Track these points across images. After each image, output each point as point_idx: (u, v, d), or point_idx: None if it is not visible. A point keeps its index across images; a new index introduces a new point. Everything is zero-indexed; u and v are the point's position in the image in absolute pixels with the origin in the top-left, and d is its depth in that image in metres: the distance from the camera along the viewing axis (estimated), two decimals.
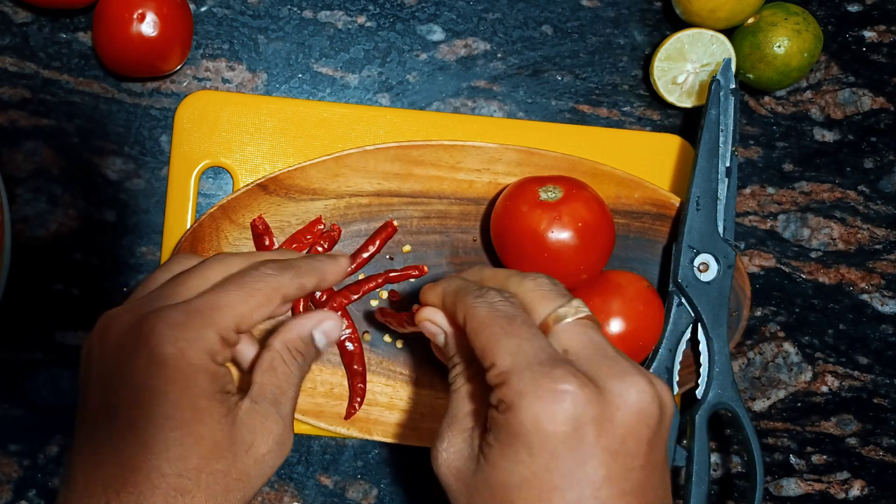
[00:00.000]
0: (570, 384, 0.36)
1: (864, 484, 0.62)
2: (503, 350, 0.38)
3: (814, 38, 0.57)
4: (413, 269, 0.57)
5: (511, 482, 0.37)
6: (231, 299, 0.40)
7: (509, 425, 0.37)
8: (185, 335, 0.39)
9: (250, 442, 0.40)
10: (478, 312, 0.40)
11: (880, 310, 0.62)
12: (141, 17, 0.53)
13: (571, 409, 0.36)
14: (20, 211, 0.57)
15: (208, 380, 0.39)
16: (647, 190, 0.57)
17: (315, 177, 0.56)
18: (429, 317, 0.44)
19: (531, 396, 0.36)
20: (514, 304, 0.41)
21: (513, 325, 0.39)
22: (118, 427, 0.38)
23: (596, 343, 0.40)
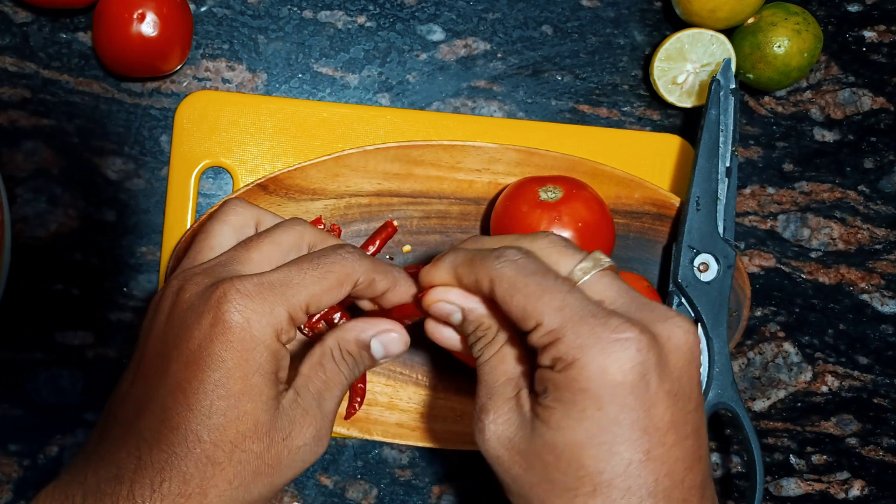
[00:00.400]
0: (630, 332, 0.36)
1: (864, 484, 0.62)
2: (548, 307, 0.37)
3: (814, 38, 0.57)
4: (413, 268, 0.57)
5: (578, 440, 0.36)
6: (306, 279, 0.40)
7: (574, 382, 0.36)
8: (256, 307, 0.38)
9: (288, 431, 0.39)
10: (506, 274, 0.38)
11: (880, 310, 0.62)
12: (141, 17, 0.53)
13: (637, 356, 0.36)
14: (20, 211, 0.57)
15: (267, 357, 0.39)
16: (647, 190, 0.57)
17: (315, 177, 0.56)
18: (441, 297, 0.42)
19: (594, 349, 0.36)
20: (538, 258, 0.39)
21: (548, 281, 0.38)
22: (168, 382, 0.38)
23: (627, 291, 0.39)
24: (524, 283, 0.38)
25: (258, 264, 0.41)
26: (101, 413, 0.42)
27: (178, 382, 0.38)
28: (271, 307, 0.39)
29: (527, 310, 0.38)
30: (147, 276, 0.58)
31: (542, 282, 0.38)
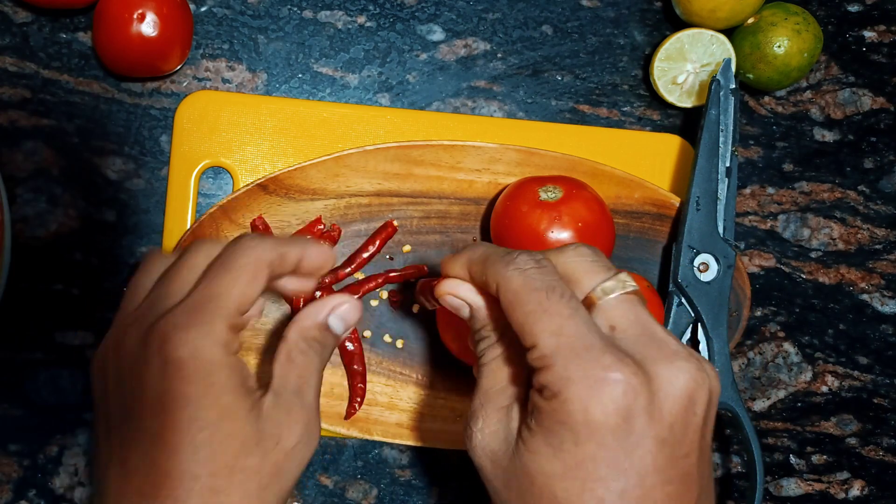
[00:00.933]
0: (619, 372, 0.35)
1: (864, 484, 0.62)
2: (544, 330, 0.36)
3: (814, 38, 0.57)
4: (413, 268, 0.57)
5: (553, 471, 0.36)
6: (224, 284, 0.39)
7: (555, 413, 0.36)
8: (196, 333, 0.38)
9: (278, 435, 0.39)
10: (512, 283, 0.38)
11: (880, 310, 0.62)
12: (141, 17, 0.53)
13: (622, 399, 0.35)
14: (20, 211, 0.57)
15: (227, 374, 0.38)
16: (647, 190, 0.57)
17: (315, 177, 0.56)
18: (451, 290, 0.41)
19: (579, 385, 0.35)
20: (550, 271, 0.38)
21: (551, 300, 0.37)
22: (145, 436, 0.38)
23: (643, 321, 0.38)
24: (527, 298, 0.37)
25: (181, 292, 0.41)
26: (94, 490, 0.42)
27: (154, 434, 0.38)
28: (209, 327, 0.38)
29: (524, 327, 0.37)
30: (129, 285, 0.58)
31: (544, 300, 0.37)
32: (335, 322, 0.43)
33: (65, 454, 0.57)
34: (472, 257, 0.41)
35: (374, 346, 0.57)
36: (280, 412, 0.40)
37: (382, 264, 0.58)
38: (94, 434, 0.41)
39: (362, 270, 0.57)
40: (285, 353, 0.42)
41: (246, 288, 0.40)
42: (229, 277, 0.40)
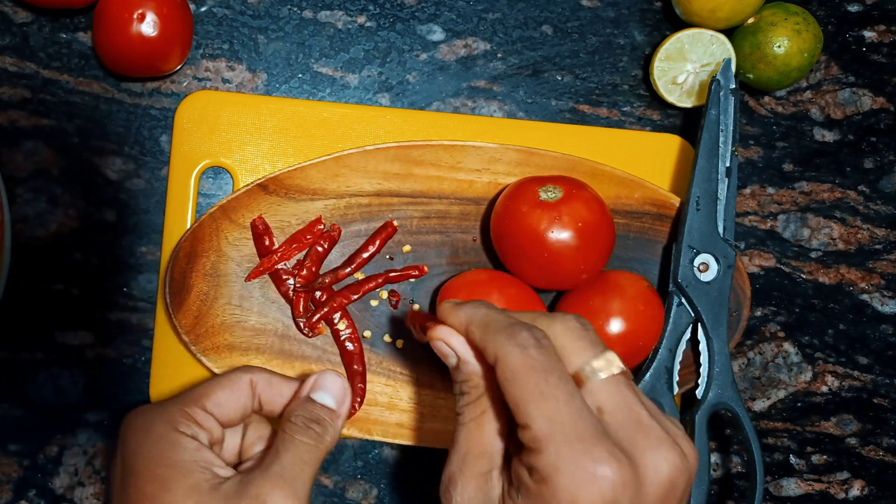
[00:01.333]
0: (609, 467, 0.36)
1: (864, 484, 0.62)
2: (539, 413, 0.37)
3: (814, 38, 0.57)
4: (413, 269, 0.57)
5: None
6: (198, 384, 0.43)
7: (542, 496, 0.36)
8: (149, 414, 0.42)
9: None
10: (512, 360, 0.38)
11: (880, 310, 0.62)
12: (141, 17, 0.53)
13: (610, 494, 0.36)
14: (20, 211, 0.57)
15: (171, 448, 0.40)
16: (648, 190, 0.57)
17: (315, 177, 0.56)
18: (443, 337, 0.42)
19: (569, 474, 0.36)
20: (549, 351, 0.39)
21: (549, 384, 0.37)
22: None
23: (630, 405, 0.39)
24: (525, 378, 0.38)
25: None
26: None
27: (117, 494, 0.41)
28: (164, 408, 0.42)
29: (519, 406, 0.37)
30: (147, 276, 0.58)
31: (542, 383, 0.37)
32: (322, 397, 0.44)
33: (65, 454, 0.57)
34: (473, 318, 0.41)
35: (374, 346, 0.57)
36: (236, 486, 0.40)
37: (382, 264, 0.58)
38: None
39: (362, 270, 0.57)
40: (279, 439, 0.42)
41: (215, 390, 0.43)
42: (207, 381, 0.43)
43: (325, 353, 0.57)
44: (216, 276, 0.56)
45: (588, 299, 0.54)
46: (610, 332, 0.53)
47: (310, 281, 0.56)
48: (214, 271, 0.56)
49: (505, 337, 0.39)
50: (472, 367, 0.41)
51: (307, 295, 0.56)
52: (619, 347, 0.54)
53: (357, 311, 0.57)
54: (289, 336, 0.57)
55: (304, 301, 0.56)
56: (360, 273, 0.57)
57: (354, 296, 0.56)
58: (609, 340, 0.53)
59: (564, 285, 0.55)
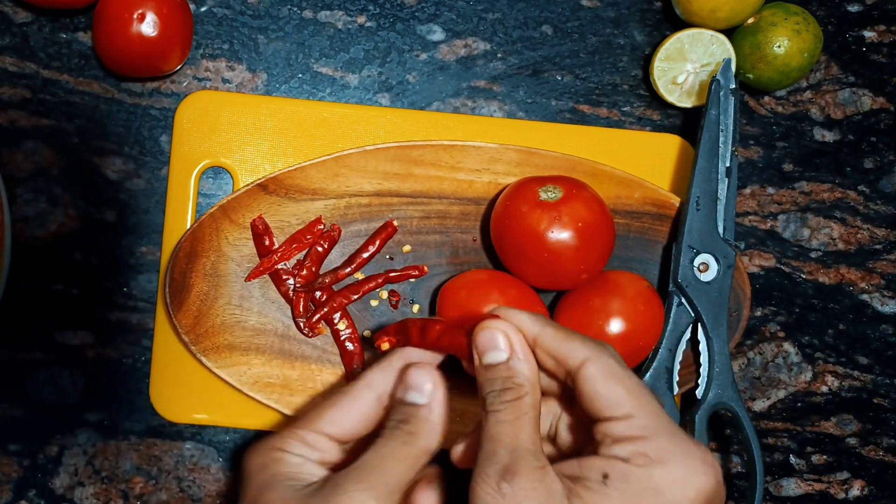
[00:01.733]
0: (714, 463, 0.39)
1: (864, 484, 0.62)
2: (643, 407, 0.39)
3: (814, 38, 0.57)
4: (413, 269, 0.57)
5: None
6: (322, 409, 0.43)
7: (650, 479, 0.38)
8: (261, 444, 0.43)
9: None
10: (607, 360, 0.40)
11: (880, 310, 0.62)
12: (141, 17, 0.53)
13: (715, 486, 0.39)
14: (20, 211, 0.57)
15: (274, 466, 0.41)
16: (648, 190, 0.57)
17: (315, 177, 0.56)
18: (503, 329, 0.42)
19: (683, 461, 0.38)
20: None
21: (643, 387, 0.40)
22: None
23: None
24: (624, 374, 0.40)
25: None
26: None
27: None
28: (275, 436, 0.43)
29: (621, 401, 0.39)
30: (147, 276, 0.58)
31: (640, 385, 0.40)
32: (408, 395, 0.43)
33: (65, 454, 0.57)
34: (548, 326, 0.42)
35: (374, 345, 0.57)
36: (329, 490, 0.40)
37: (383, 264, 0.58)
38: None
39: (362, 270, 0.57)
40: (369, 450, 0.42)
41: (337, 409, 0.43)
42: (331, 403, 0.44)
43: (325, 353, 0.57)
44: (216, 276, 0.56)
45: (588, 299, 0.54)
46: (610, 332, 0.53)
47: (310, 281, 0.56)
48: (214, 271, 0.56)
49: (591, 342, 0.41)
50: (528, 366, 0.41)
51: (307, 295, 0.56)
52: (619, 347, 0.53)
53: (357, 311, 0.57)
54: (289, 336, 0.57)
55: (304, 301, 0.56)
56: (360, 273, 0.57)
57: (354, 296, 0.56)
58: (609, 340, 0.53)
59: (564, 285, 0.55)
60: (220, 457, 0.58)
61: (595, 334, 0.53)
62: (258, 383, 0.56)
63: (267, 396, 0.56)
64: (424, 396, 0.43)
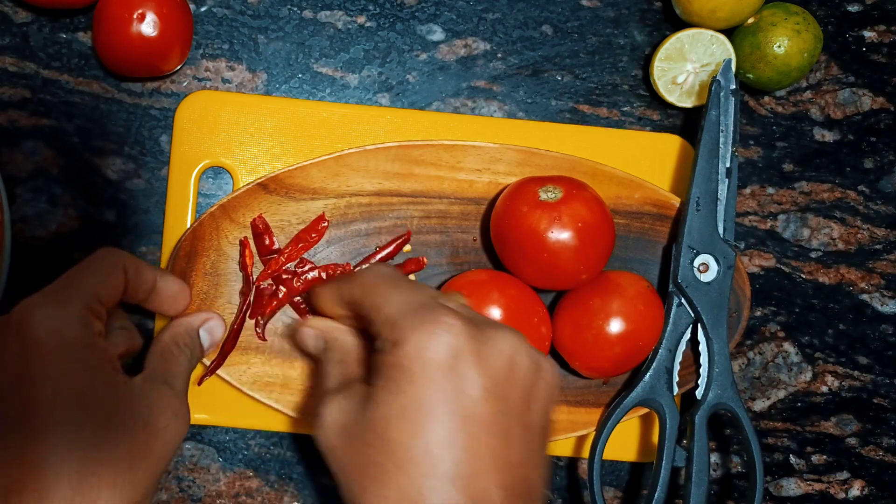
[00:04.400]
0: (454, 320, 0.39)
1: (864, 484, 0.62)
2: (393, 298, 0.42)
3: (814, 38, 0.57)
4: (412, 262, 0.57)
5: (392, 413, 0.38)
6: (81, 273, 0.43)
7: (395, 359, 0.39)
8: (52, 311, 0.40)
9: (147, 416, 0.40)
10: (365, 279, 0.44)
11: (880, 310, 0.62)
12: (141, 17, 0.53)
13: (452, 340, 0.39)
14: (20, 211, 0.57)
15: (86, 352, 0.40)
16: (648, 190, 0.57)
17: (315, 176, 0.56)
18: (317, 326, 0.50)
19: (418, 330, 0.39)
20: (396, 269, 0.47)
21: (399, 282, 0.43)
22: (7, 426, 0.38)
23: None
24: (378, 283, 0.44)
25: None
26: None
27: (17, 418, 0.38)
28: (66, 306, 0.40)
29: (374, 303, 0.42)
30: None
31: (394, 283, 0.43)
32: (204, 334, 0.49)
33: None
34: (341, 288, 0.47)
35: None
36: (150, 394, 0.41)
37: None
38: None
39: None
40: (158, 351, 0.45)
41: (106, 278, 0.43)
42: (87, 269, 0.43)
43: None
44: (216, 276, 0.56)
45: (588, 299, 0.54)
46: (610, 332, 0.53)
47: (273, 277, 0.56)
48: (214, 270, 0.56)
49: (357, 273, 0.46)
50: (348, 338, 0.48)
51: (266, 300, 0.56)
52: (619, 347, 0.54)
53: None
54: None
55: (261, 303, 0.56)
56: None
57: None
58: (609, 340, 0.53)
59: (564, 285, 0.55)
60: (220, 457, 0.58)
61: (595, 334, 0.53)
62: (258, 382, 0.56)
63: (266, 396, 0.56)
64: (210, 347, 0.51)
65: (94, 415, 0.38)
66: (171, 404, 0.42)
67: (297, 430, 0.57)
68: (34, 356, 0.38)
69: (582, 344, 0.54)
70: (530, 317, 0.54)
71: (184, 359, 0.47)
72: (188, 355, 0.47)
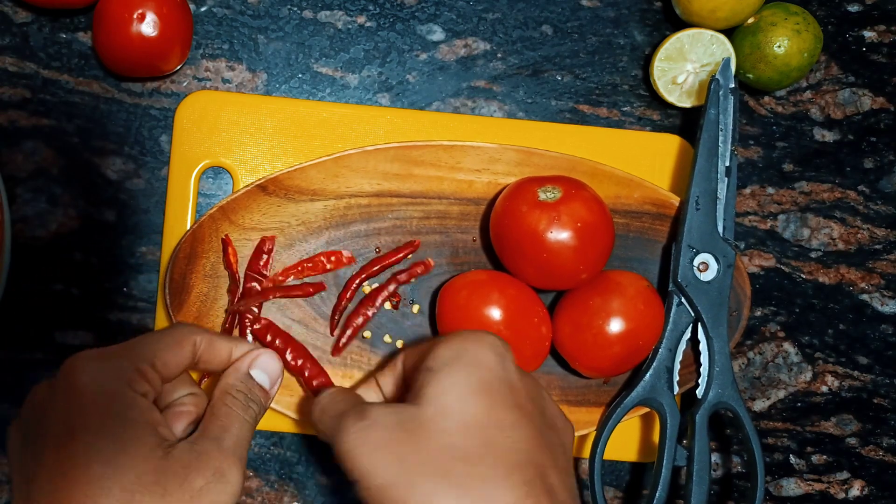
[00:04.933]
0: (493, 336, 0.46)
1: (864, 484, 0.62)
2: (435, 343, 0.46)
3: (814, 38, 0.57)
4: (419, 265, 0.57)
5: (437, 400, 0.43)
6: (144, 340, 0.43)
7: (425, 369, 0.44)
8: (100, 366, 0.40)
9: (184, 476, 0.39)
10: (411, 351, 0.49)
11: (880, 310, 0.62)
12: (141, 17, 0.53)
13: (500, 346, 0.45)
14: (20, 211, 0.57)
15: (127, 407, 0.39)
16: (647, 189, 0.57)
17: (315, 177, 0.56)
18: None
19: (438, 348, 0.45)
20: None
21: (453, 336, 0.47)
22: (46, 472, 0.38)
23: None
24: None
25: None
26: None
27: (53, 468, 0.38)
28: (117, 363, 0.41)
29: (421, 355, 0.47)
30: (147, 276, 0.58)
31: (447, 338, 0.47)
32: (258, 374, 0.46)
33: None
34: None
35: (374, 346, 0.57)
36: (191, 455, 0.40)
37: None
38: None
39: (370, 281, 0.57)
40: (209, 408, 0.44)
41: (167, 349, 0.43)
42: (151, 337, 0.43)
43: (325, 353, 0.57)
44: (216, 277, 0.56)
45: (588, 299, 0.54)
46: (610, 332, 0.53)
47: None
48: (214, 272, 0.56)
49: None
50: None
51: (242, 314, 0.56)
52: (619, 347, 0.54)
53: None
54: None
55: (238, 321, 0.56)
56: (366, 286, 0.57)
57: (372, 309, 0.56)
58: (609, 340, 0.53)
59: (564, 285, 0.55)
60: None
61: (595, 334, 0.53)
62: None
63: None
64: (270, 383, 0.47)
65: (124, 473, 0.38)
66: (211, 464, 0.40)
67: (296, 430, 0.57)
68: (76, 405, 0.39)
69: (582, 344, 0.54)
70: (530, 317, 0.54)
71: (237, 409, 0.44)
72: (243, 404, 0.44)
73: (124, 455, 0.38)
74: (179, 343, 0.44)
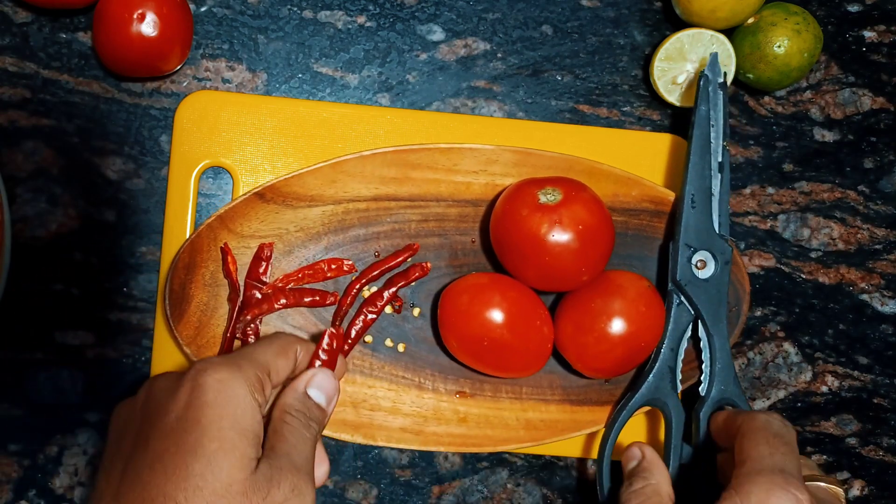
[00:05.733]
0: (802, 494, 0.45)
1: (864, 484, 0.62)
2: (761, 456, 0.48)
3: (814, 38, 0.57)
4: (416, 268, 0.57)
5: None
6: (259, 349, 0.44)
7: None
8: (228, 371, 0.41)
9: (266, 490, 0.40)
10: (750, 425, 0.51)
11: (880, 310, 0.62)
12: (141, 17, 0.53)
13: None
14: (20, 211, 0.57)
15: (245, 415, 0.41)
16: (645, 187, 0.57)
17: (312, 183, 0.56)
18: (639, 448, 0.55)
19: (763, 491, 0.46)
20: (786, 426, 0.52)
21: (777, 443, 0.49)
22: (147, 458, 0.40)
23: None
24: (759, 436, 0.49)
25: None
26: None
27: (156, 454, 0.39)
28: (241, 369, 0.42)
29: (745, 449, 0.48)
30: (147, 276, 0.58)
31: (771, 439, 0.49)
32: (315, 393, 0.46)
33: (65, 454, 0.58)
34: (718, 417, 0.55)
35: (375, 350, 0.57)
36: (271, 469, 0.41)
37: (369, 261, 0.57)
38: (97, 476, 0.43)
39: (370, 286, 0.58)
40: (272, 427, 0.44)
41: (278, 356, 0.45)
42: (265, 344, 0.45)
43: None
44: (216, 286, 0.56)
45: (589, 300, 0.54)
46: (612, 334, 0.53)
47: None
48: (214, 281, 0.56)
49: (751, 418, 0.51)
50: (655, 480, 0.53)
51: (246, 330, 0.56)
52: (620, 349, 0.54)
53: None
54: None
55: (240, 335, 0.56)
56: (366, 290, 0.57)
57: (372, 314, 0.56)
58: (611, 342, 0.53)
59: (565, 287, 0.55)
60: None
61: (597, 336, 0.53)
62: None
63: None
64: (326, 401, 0.47)
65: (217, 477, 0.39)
66: (289, 479, 0.41)
67: None
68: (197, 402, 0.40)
69: (584, 345, 0.54)
70: (532, 319, 0.54)
71: (298, 427, 0.44)
72: (302, 423, 0.44)
73: (225, 460, 0.39)
74: (286, 352, 0.45)
